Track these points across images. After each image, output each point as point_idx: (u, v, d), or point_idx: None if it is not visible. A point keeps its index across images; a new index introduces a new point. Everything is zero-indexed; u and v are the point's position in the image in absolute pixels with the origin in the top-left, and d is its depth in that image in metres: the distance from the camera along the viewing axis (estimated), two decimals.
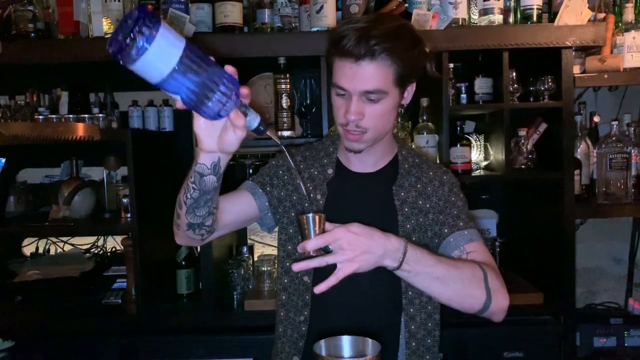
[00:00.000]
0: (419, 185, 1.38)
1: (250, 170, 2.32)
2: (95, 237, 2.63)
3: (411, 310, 1.35)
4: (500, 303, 1.20)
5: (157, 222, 2.26)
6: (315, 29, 2.03)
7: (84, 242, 2.63)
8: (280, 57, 2.08)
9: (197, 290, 2.24)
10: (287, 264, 1.41)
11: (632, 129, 2.37)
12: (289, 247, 1.41)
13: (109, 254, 2.62)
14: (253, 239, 2.64)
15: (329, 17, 2.03)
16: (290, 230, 1.41)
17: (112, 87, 2.51)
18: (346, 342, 1.04)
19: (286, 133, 2.14)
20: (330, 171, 1.41)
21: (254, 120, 1.02)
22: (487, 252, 1.31)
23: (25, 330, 2.06)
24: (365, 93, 1.21)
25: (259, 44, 2.04)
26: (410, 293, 1.35)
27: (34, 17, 2.09)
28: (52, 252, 2.63)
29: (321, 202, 1.37)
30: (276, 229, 1.47)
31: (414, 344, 1.35)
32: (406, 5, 2.03)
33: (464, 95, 2.21)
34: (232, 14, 2.03)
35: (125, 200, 2.15)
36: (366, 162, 1.39)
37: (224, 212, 1.33)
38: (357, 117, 1.23)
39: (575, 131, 2.23)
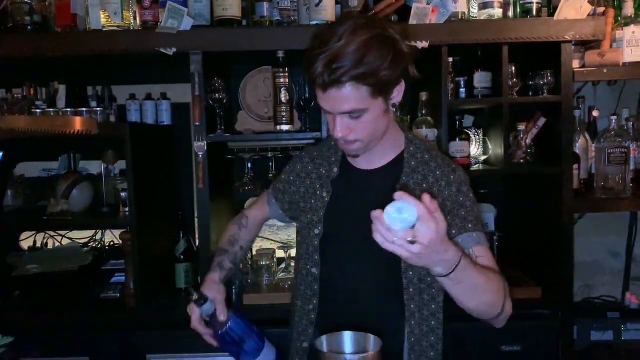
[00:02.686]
0: (424, 185, 1.35)
1: (249, 165, 2.32)
2: (94, 231, 2.63)
3: (412, 306, 1.35)
4: (509, 312, 1.25)
5: (155, 216, 2.27)
6: (314, 23, 2.02)
7: (82, 236, 2.63)
8: (279, 51, 2.07)
9: (196, 284, 2.24)
10: (300, 262, 1.47)
11: (631, 123, 2.37)
12: (302, 244, 1.48)
13: (107, 248, 2.61)
14: None
15: (328, 10, 2.02)
16: (303, 230, 1.47)
17: (110, 80, 2.50)
18: (348, 338, 1.04)
19: (285, 127, 2.13)
20: (335, 169, 1.44)
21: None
22: (493, 258, 1.31)
23: (24, 325, 2.07)
24: (345, 113, 1.22)
25: (257, 38, 2.02)
26: (411, 290, 1.35)
27: (31, 9, 2.06)
28: (50, 246, 2.62)
29: (326, 199, 1.42)
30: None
31: (413, 339, 1.35)
32: None
33: (463, 90, 2.21)
34: (231, 7, 2.02)
35: (123, 194, 2.14)
36: (371, 159, 1.39)
37: (255, 227, 1.66)
38: (344, 135, 1.25)
39: (574, 126, 2.23)
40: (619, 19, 2.22)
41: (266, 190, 1.68)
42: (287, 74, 2.10)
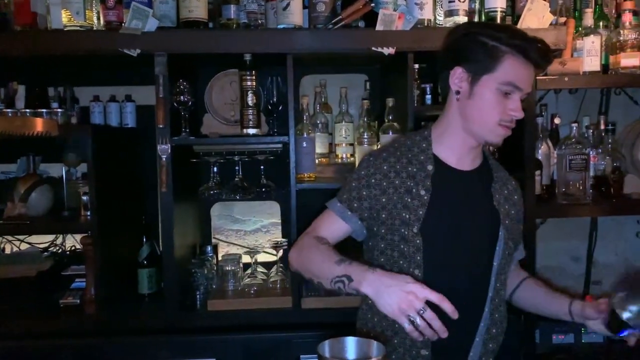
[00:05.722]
0: (505, 191, 1.50)
1: (215, 169, 2.28)
2: (54, 236, 2.55)
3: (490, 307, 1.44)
4: None
5: (118, 220, 2.22)
6: (281, 26, 2.02)
7: (42, 240, 2.55)
8: (246, 53, 2.05)
9: (159, 290, 2.21)
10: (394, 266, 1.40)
11: (591, 131, 2.43)
12: (392, 248, 1.41)
13: (68, 252, 2.54)
14: (218, 238, 2.60)
15: (295, 14, 2.01)
16: (394, 232, 1.40)
17: (73, 81, 2.44)
18: (351, 344, 1.02)
19: (252, 131, 2.11)
20: (430, 167, 1.42)
21: None
22: None
23: None
24: (526, 94, 1.38)
25: (224, 40, 2.00)
26: (490, 294, 1.44)
27: None
28: (8, 250, 2.54)
29: (425, 197, 1.38)
30: None
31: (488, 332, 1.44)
32: (372, 5, 2.03)
33: (429, 96, 2.23)
34: (197, 9, 2.00)
35: (85, 197, 2.10)
36: (466, 159, 1.46)
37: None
38: (522, 114, 1.37)
39: (537, 132, 2.27)
40: (580, 29, 2.29)
41: (326, 210, 1.48)
42: (254, 77, 2.09)
